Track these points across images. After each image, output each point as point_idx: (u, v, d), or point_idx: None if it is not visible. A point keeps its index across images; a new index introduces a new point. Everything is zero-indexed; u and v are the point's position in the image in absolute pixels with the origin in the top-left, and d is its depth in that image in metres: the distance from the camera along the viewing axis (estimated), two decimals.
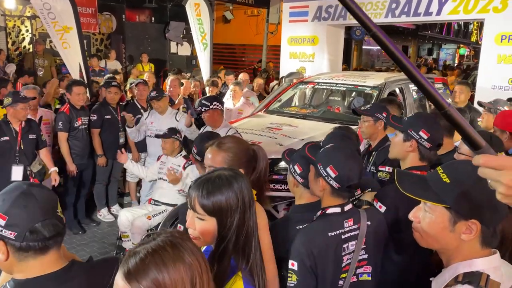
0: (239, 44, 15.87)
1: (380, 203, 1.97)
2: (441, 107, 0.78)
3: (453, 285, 1.09)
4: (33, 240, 1.19)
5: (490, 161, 0.74)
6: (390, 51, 0.81)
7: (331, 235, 1.70)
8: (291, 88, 6.10)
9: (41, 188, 1.31)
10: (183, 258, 0.94)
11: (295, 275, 1.66)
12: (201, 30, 8.21)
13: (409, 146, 2.08)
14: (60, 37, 6.09)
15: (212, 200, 1.28)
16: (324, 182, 1.75)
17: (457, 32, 24.42)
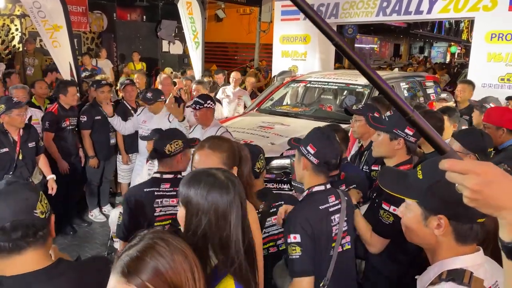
0: (232, 43, 15.86)
1: (393, 206, 1.95)
2: (405, 113, 0.79)
3: (437, 282, 1.10)
4: (3, 241, 1.18)
5: (454, 165, 0.74)
6: (353, 60, 0.81)
7: (321, 208, 1.87)
8: (283, 87, 6.10)
9: (20, 186, 1.28)
10: (178, 249, 0.93)
11: (298, 247, 1.77)
12: (193, 28, 8.18)
13: (397, 144, 2.14)
14: (50, 35, 6.04)
15: (185, 190, 1.30)
16: (305, 160, 1.91)
17: (448, 31, 24.61)
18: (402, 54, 27.16)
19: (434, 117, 3.13)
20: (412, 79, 6.28)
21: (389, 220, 2.01)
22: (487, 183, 0.72)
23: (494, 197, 0.72)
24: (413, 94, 6.04)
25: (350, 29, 13.84)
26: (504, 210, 0.73)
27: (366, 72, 0.81)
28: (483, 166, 0.74)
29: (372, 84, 0.83)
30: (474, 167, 0.73)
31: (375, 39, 25.20)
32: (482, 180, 0.72)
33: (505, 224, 0.74)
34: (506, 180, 0.73)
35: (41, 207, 1.26)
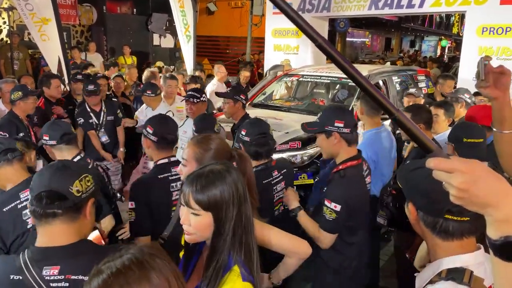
0: (223, 36, 15.74)
1: (334, 203, 2.10)
2: (390, 113, 0.78)
3: (437, 281, 1.09)
4: (37, 206, 1.33)
5: (440, 164, 0.74)
6: (337, 61, 0.80)
7: (264, 182, 2.34)
8: (276, 81, 6.07)
9: (70, 165, 1.47)
10: (150, 278, 0.90)
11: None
12: (185, 22, 8.10)
13: (334, 139, 2.21)
14: (38, 29, 5.95)
15: (207, 195, 1.26)
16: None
17: (439, 24, 24.71)
18: (394, 48, 27.25)
19: (428, 111, 3.15)
20: (404, 73, 6.29)
21: (331, 216, 2.11)
22: (473, 181, 0.72)
23: (480, 195, 0.72)
24: (405, 88, 6.05)
25: (342, 23, 13.85)
26: (490, 208, 0.73)
27: (351, 73, 0.79)
28: (469, 164, 0.74)
29: (356, 85, 0.81)
30: (460, 166, 0.73)
31: (367, 33, 25.23)
32: (468, 178, 0.72)
33: (492, 222, 0.74)
34: (492, 178, 0.73)
35: (79, 185, 1.39)
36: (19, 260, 1.32)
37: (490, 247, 0.76)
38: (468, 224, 1.10)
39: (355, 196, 2.17)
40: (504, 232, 0.73)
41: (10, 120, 3.73)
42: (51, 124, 2.62)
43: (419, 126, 3.00)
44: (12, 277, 1.28)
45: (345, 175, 2.18)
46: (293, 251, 1.74)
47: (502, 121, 1.50)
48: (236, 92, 3.66)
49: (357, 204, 2.17)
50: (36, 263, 1.31)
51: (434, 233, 1.15)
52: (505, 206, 0.72)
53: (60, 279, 1.30)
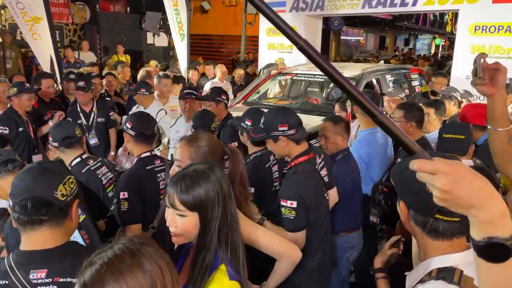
0: (217, 35, 15.71)
1: (290, 200, 2.11)
2: (373, 115, 0.78)
3: (427, 280, 1.09)
4: (22, 213, 1.29)
5: (423, 166, 0.74)
6: (318, 64, 0.79)
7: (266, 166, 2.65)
8: (269, 80, 6.06)
9: (50, 167, 1.39)
10: (142, 265, 0.91)
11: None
12: (178, 20, 8.06)
13: (282, 142, 2.23)
14: (29, 28, 5.89)
15: (192, 195, 1.26)
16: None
17: (432, 23, 24.78)
18: (388, 46, 27.33)
19: (420, 109, 3.16)
20: (398, 72, 6.30)
21: (292, 214, 2.11)
22: (456, 183, 0.72)
23: (463, 197, 0.72)
24: (398, 86, 6.07)
25: (336, 21, 13.86)
26: (473, 209, 0.73)
27: (333, 75, 0.79)
28: (452, 165, 0.73)
29: (339, 88, 0.80)
30: (443, 167, 0.73)
31: (361, 31, 25.27)
32: (451, 180, 0.72)
33: (475, 223, 0.74)
34: (475, 179, 0.73)
35: (63, 189, 1.35)
36: (4, 264, 1.29)
37: (473, 248, 0.76)
38: (458, 224, 1.10)
39: (308, 190, 2.20)
40: (487, 233, 0.73)
41: (8, 115, 3.87)
42: (56, 125, 2.62)
43: (411, 124, 3.07)
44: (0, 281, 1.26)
45: (297, 171, 2.22)
46: (284, 253, 1.73)
47: (496, 119, 1.50)
48: (216, 94, 3.68)
49: (312, 198, 2.20)
50: (22, 266, 1.28)
51: (424, 232, 1.15)
52: (489, 207, 0.72)
53: (48, 282, 1.28)
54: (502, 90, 1.45)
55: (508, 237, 0.72)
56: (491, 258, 0.73)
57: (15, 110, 3.92)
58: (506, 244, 0.71)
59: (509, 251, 0.72)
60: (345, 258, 2.84)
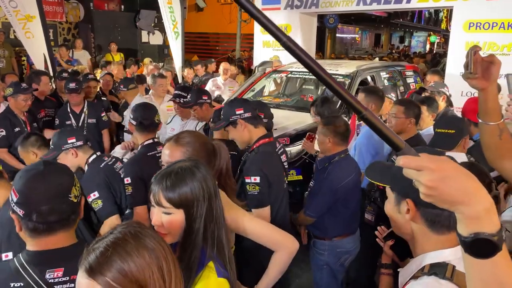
0: (213, 33, 15.68)
1: (253, 176, 2.22)
2: (359, 112, 0.78)
3: (420, 276, 1.09)
4: (39, 222, 1.25)
5: (409, 162, 0.74)
6: (303, 61, 0.78)
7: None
8: (264, 78, 6.05)
9: (58, 170, 1.37)
10: (146, 244, 0.92)
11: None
12: (173, 18, 8.02)
13: (241, 126, 2.37)
14: (22, 26, 5.85)
15: (178, 192, 1.26)
16: None
17: (427, 20, 24.86)
18: (383, 43, 27.38)
19: (418, 106, 3.17)
20: (393, 69, 6.31)
21: (255, 190, 2.21)
22: (442, 179, 0.72)
23: (449, 193, 0.72)
24: (393, 84, 6.08)
25: (332, 19, 13.85)
26: (459, 205, 0.73)
27: (318, 73, 0.78)
28: (438, 162, 0.73)
29: (324, 85, 0.80)
30: (429, 163, 0.73)
31: (357, 29, 25.30)
32: (436, 176, 0.72)
33: (461, 219, 0.74)
34: (461, 176, 0.73)
35: (75, 191, 1.34)
36: (14, 265, 1.26)
37: (461, 244, 0.76)
38: None
39: (270, 167, 2.31)
40: (474, 229, 0.73)
41: (4, 116, 3.89)
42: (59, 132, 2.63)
43: (410, 121, 3.07)
44: (13, 284, 1.22)
45: (259, 151, 2.34)
46: (281, 243, 1.72)
47: (488, 112, 1.49)
48: (197, 97, 3.56)
49: (273, 175, 2.29)
50: (36, 267, 1.26)
51: (431, 227, 1.13)
52: (475, 203, 0.72)
53: (65, 281, 1.27)
54: (495, 83, 1.43)
55: (495, 233, 0.72)
56: (478, 254, 0.74)
57: (11, 110, 3.92)
58: (492, 239, 0.72)
59: (496, 246, 0.72)
60: (339, 263, 2.78)
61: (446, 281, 1.02)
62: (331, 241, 2.74)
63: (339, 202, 2.67)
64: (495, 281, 0.74)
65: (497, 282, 0.74)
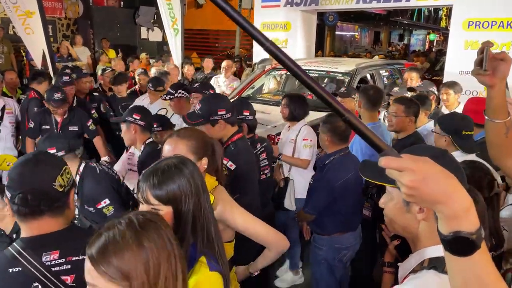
0: (212, 30, 15.64)
1: (231, 162, 2.39)
2: (341, 114, 0.80)
3: (419, 270, 1.10)
4: (21, 205, 1.30)
5: (390, 163, 0.76)
6: (286, 65, 0.80)
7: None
8: (264, 75, 6.06)
9: (46, 159, 1.42)
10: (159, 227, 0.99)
11: None
12: (172, 15, 7.99)
13: (220, 126, 2.43)
14: (22, 22, 5.83)
15: (165, 189, 1.27)
16: None
17: (427, 18, 24.82)
18: (383, 41, 27.35)
19: (417, 104, 3.19)
20: (392, 67, 6.32)
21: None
22: (422, 179, 0.74)
23: (429, 193, 0.75)
24: (392, 82, 6.09)
25: (331, 16, 13.86)
26: (439, 205, 0.75)
27: (300, 76, 0.80)
28: (418, 163, 0.76)
29: (306, 87, 0.81)
30: (409, 164, 0.75)
31: (356, 26, 25.26)
32: (417, 177, 0.74)
33: (441, 218, 0.77)
34: (440, 176, 0.75)
35: (61, 180, 1.38)
36: (10, 252, 1.30)
37: (441, 242, 0.78)
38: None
39: (247, 159, 2.50)
40: (453, 228, 0.75)
41: (42, 111, 4.12)
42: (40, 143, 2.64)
43: (410, 119, 3.08)
44: (11, 270, 1.26)
45: (237, 145, 2.45)
46: (273, 243, 1.80)
47: (495, 110, 1.49)
48: (175, 88, 3.81)
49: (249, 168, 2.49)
50: (32, 251, 1.30)
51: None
52: (454, 203, 0.74)
53: (62, 263, 1.32)
54: (504, 81, 1.43)
55: (473, 232, 0.74)
56: (457, 252, 0.76)
57: (49, 110, 4.02)
58: (471, 238, 0.74)
59: (475, 245, 0.74)
60: (337, 258, 2.81)
61: (445, 275, 1.04)
62: (329, 237, 2.78)
63: (338, 199, 2.69)
64: (475, 278, 0.76)
65: (477, 279, 0.76)
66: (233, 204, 1.79)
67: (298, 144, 3.44)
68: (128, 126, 2.89)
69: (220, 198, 1.74)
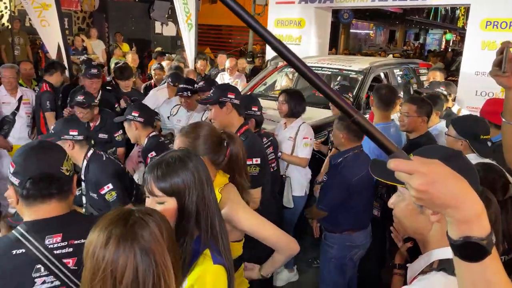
0: (226, 26, 15.64)
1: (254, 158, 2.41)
2: (350, 115, 0.78)
3: (428, 272, 1.09)
4: (32, 189, 1.35)
5: (399, 165, 0.75)
6: (293, 64, 0.78)
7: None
8: (276, 72, 6.04)
9: (51, 146, 1.51)
10: (134, 244, 0.98)
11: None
12: (186, 10, 8.01)
13: (227, 109, 2.54)
14: (38, 14, 5.88)
15: (169, 181, 1.29)
16: None
17: (444, 17, 24.46)
18: (397, 40, 27.06)
19: (430, 104, 3.14)
20: (406, 66, 6.24)
21: (256, 171, 2.37)
22: (432, 183, 0.73)
23: (439, 197, 0.73)
24: (407, 81, 6.02)
25: (346, 14, 13.73)
26: (449, 209, 0.74)
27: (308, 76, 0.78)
28: (428, 165, 0.74)
29: (314, 87, 0.80)
30: (419, 167, 0.73)
31: (371, 25, 25.02)
32: (426, 180, 0.73)
33: (452, 222, 0.75)
34: (450, 180, 0.74)
35: (67, 165, 1.46)
36: (14, 235, 1.33)
37: (451, 247, 0.76)
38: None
39: (262, 149, 2.60)
40: (463, 233, 0.73)
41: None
42: (64, 121, 2.70)
43: (423, 119, 3.05)
44: (15, 251, 1.30)
45: (248, 136, 2.49)
46: (283, 248, 1.76)
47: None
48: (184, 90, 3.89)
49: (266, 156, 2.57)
50: (36, 234, 1.34)
51: None
52: (464, 207, 0.73)
53: (64, 245, 1.35)
54: None
55: (484, 237, 0.72)
56: (467, 257, 0.74)
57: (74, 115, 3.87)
58: (481, 243, 0.72)
59: (485, 250, 0.72)
60: (348, 257, 2.81)
61: (454, 277, 1.02)
62: (341, 235, 2.78)
63: (352, 196, 2.71)
64: (484, 283, 0.74)
65: (487, 284, 0.74)
66: (240, 206, 1.75)
67: (298, 143, 3.43)
68: (130, 124, 2.95)
69: (227, 198, 1.72)
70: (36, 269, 1.29)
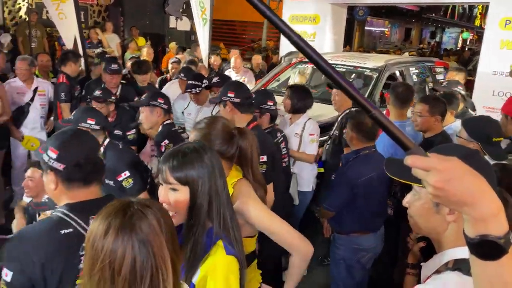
0: (239, 21, 15.62)
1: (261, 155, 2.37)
2: (368, 110, 0.78)
3: (443, 271, 1.09)
4: (78, 172, 1.42)
5: (417, 162, 0.74)
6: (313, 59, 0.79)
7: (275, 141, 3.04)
8: (290, 68, 6.02)
9: (86, 133, 1.62)
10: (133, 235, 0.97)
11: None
12: (201, 5, 8.02)
13: (228, 108, 2.61)
14: (56, 7, 5.95)
15: (184, 170, 1.33)
16: None
17: (461, 16, 24.05)
18: (413, 38, 26.72)
19: (444, 103, 3.10)
20: (422, 64, 6.17)
21: (263, 168, 2.40)
22: (448, 180, 0.72)
23: (456, 194, 0.72)
24: (422, 80, 5.95)
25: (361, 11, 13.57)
26: (466, 207, 0.73)
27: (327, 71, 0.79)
28: (445, 162, 0.73)
29: (333, 83, 0.80)
30: (436, 164, 0.72)
31: (386, 22, 24.74)
32: (443, 177, 0.72)
33: (469, 220, 0.74)
34: (468, 177, 0.73)
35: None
36: (59, 216, 1.40)
37: (467, 245, 0.76)
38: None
39: (271, 146, 2.65)
40: (480, 231, 0.72)
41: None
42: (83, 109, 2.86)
43: (436, 118, 3.01)
44: (63, 231, 1.36)
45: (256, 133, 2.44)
46: (296, 246, 1.71)
47: None
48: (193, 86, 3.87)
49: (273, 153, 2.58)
50: (79, 215, 1.41)
51: None
52: (482, 205, 0.72)
53: None
54: None
55: (501, 236, 0.71)
56: (484, 256, 0.73)
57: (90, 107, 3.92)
58: (498, 242, 0.71)
59: (502, 249, 0.72)
60: (356, 259, 2.73)
61: (469, 277, 1.01)
62: (347, 236, 2.73)
63: (358, 197, 2.64)
64: (501, 282, 0.73)
65: (503, 283, 0.74)
66: (250, 199, 1.72)
67: (304, 139, 3.43)
68: (152, 110, 2.98)
69: (239, 192, 1.71)
70: (83, 247, 1.33)
